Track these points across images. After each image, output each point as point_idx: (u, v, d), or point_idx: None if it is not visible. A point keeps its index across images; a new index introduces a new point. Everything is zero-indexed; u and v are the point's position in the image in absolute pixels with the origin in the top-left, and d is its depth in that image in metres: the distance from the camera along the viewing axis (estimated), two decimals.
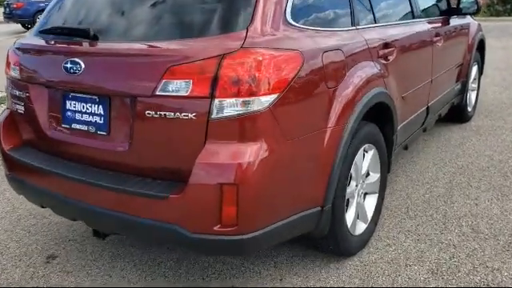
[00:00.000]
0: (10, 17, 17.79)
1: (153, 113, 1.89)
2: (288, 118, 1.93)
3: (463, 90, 4.55)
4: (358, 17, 2.60)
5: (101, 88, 2.07)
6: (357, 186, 2.52)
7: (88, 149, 2.14)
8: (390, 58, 2.75)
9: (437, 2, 4.01)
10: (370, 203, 2.69)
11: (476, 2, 4.26)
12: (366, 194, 2.67)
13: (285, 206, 2.02)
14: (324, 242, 2.42)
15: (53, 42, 2.31)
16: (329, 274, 2.44)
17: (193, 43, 1.89)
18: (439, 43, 3.60)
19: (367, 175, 2.64)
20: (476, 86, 5.12)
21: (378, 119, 2.61)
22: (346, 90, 2.25)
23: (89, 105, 2.12)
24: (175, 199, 1.85)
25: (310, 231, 2.22)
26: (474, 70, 4.90)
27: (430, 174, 3.63)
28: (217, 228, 1.84)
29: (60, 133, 2.24)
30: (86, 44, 2.12)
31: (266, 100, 1.84)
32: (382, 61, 2.66)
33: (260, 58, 1.84)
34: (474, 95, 5.07)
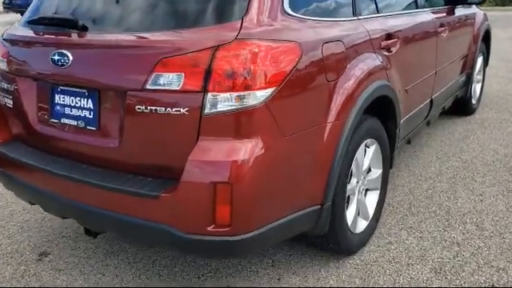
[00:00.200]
0: (10, 7, 17.77)
1: (143, 107, 1.81)
2: (285, 114, 1.84)
3: (468, 81, 4.46)
4: (360, 6, 2.50)
5: (90, 81, 1.98)
6: (358, 182, 2.44)
7: (77, 144, 2.07)
8: (393, 49, 2.66)
9: None
10: (372, 200, 2.62)
11: None
12: (367, 191, 2.60)
13: (282, 205, 1.94)
14: (323, 241, 2.35)
15: (41, 33, 2.22)
16: (328, 273, 2.37)
17: (185, 34, 1.80)
18: (444, 34, 3.51)
19: (368, 171, 2.57)
20: (481, 77, 5.03)
21: (380, 113, 2.53)
22: (347, 83, 2.16)
23: (78, 99, 2.04)
24: (167, 198, 1.77)
25: (309, 230, 2.15)
26: (480, 61, 4.80)
27: (433, 169, 3.55)
28: (210, 228, 1.76)
29: (49, 128, 2.16)
30: (74, 35, 2.03)
31: (261, 94, 1.75)
32: (385, 52, 2.57)
33: (256, 49, 1.75)
34: (478, 87, 4.99)
